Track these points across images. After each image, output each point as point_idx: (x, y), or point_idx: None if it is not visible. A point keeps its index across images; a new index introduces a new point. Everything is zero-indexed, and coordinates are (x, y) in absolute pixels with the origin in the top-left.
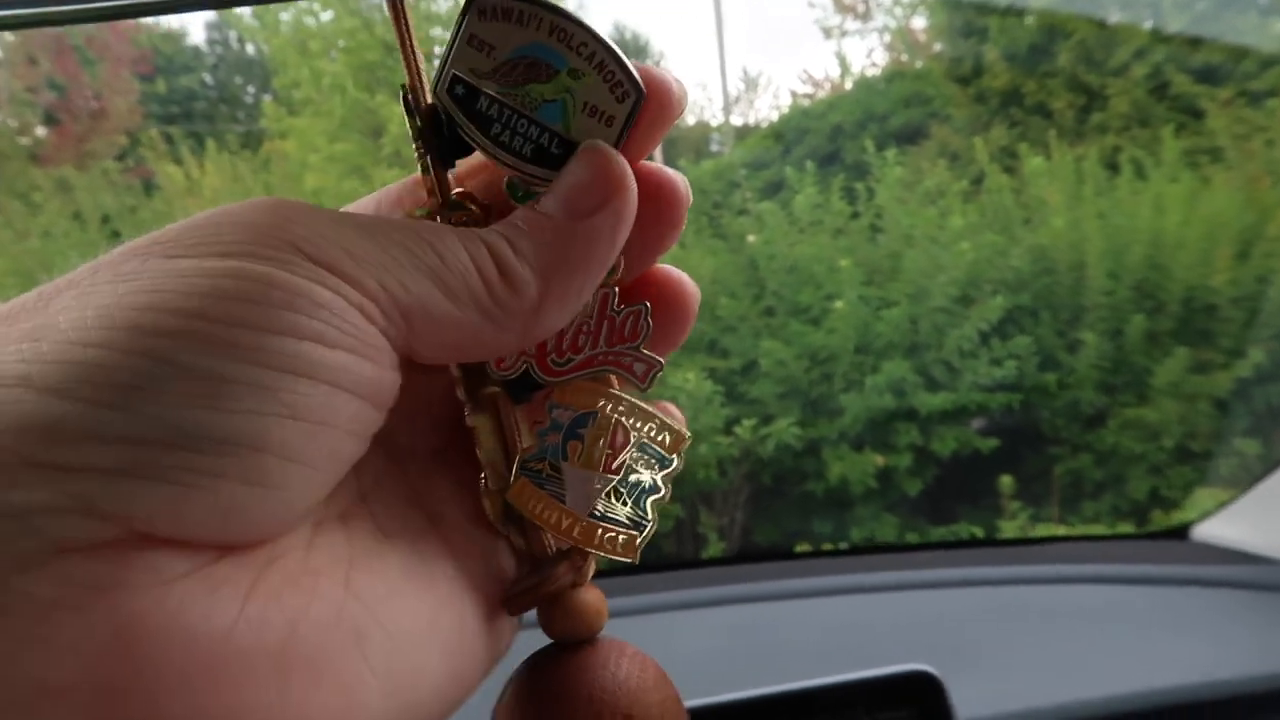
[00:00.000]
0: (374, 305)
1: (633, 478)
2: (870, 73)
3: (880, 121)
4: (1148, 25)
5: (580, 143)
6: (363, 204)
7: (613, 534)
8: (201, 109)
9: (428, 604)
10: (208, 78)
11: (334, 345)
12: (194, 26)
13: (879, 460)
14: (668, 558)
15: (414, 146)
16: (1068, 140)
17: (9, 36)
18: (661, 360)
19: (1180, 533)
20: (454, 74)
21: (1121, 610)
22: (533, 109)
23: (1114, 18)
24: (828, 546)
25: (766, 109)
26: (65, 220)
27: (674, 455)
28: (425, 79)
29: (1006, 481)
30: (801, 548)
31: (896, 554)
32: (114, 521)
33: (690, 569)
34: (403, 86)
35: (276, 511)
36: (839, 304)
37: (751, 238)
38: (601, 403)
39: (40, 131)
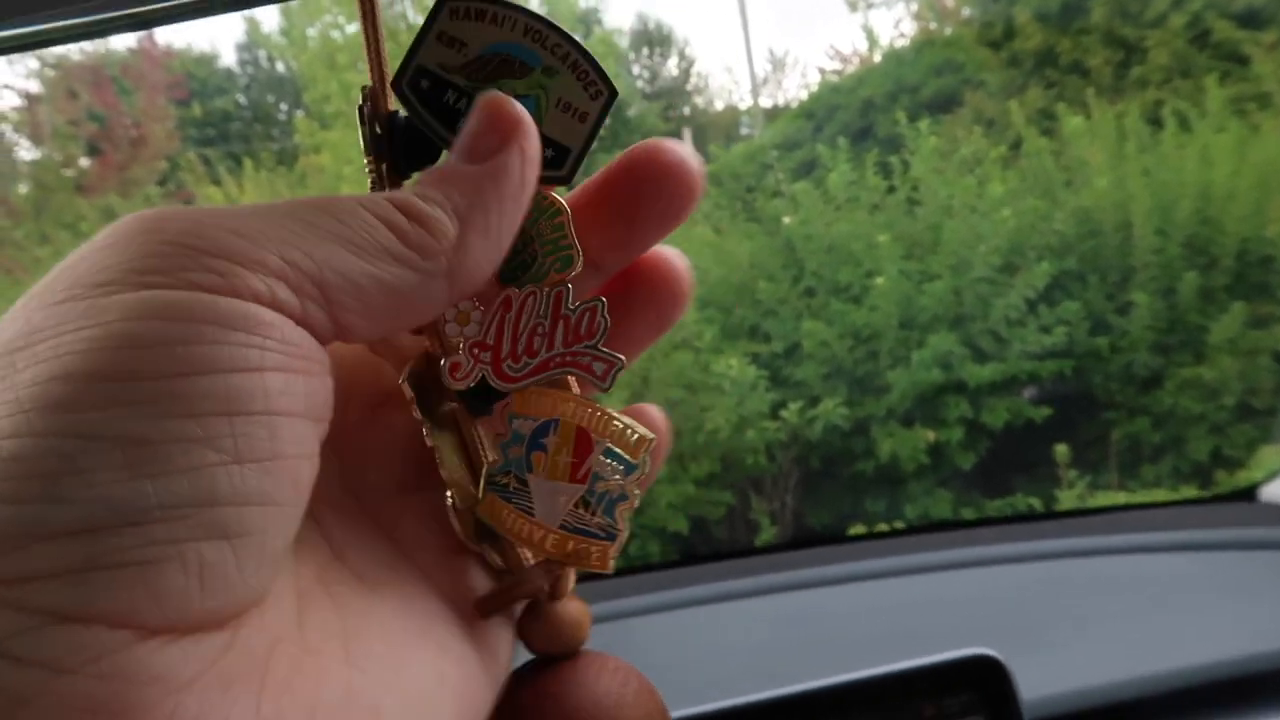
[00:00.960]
0: (282, 284)
1: (599, 486)
2: (899, 43)
3: (912, 92)
4: None
5: (551, 136)
6: None
7: (585, 545)
8: (237, 129)
9: (429, 654)
10: (241, 98)
11: (260, 368)
12: (225, 49)
13: (929, 436)
14: (720, 546)
15: (365, 161)
16: (1107, 97)
17: (50, 73)
18: (622, 358)
19: (1248, 494)
20: (420, 65)
21: (1189, 579)
22: None
23: None
24: (881, 526)
25: (795, 88)
26: None
27: (638, 459)
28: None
29: (1062, 450)
30: (855, 529)
31: (952, 531)
32: (88, 623)
33: (742, 558)
34: (364, 89)
35: (252, 558)
36: (880, 280)
37: (787, 219)
38: (562, 409)
39: (84, 162)
